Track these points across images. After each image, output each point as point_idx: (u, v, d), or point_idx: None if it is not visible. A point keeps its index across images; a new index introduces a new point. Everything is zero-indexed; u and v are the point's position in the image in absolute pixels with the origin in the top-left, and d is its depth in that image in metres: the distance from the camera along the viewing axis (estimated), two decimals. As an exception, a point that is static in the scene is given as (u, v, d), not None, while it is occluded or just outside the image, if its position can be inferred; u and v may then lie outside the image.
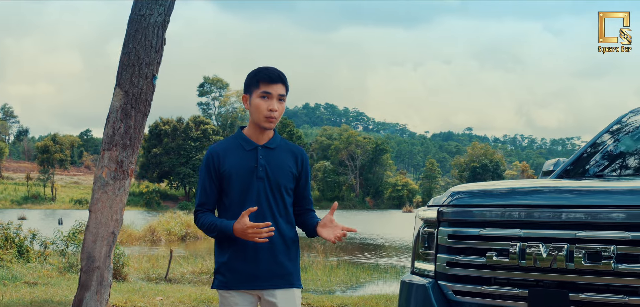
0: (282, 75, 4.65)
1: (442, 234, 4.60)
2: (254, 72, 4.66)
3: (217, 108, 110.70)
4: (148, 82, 7.72)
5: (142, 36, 7.68)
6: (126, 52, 7.71)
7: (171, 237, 34.40)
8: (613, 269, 3.83)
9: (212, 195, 4.69)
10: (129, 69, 7.67)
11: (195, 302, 12.24)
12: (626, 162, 5.85)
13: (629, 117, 6.34)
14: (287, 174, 4.67)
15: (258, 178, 4.60)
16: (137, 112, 7.69)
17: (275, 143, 4.70)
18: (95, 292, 7.62)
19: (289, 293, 4.66)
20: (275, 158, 4.66)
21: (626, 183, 4.59)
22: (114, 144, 7.63)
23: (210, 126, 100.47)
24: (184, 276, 19.07)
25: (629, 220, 3.86)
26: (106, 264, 7.68)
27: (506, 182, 5.03)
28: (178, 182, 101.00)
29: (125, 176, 7.69)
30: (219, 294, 4.72)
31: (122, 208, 7.73)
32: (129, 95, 7.64)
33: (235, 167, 4.62)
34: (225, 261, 4.65)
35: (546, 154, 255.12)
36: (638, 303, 3.80)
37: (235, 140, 4.71)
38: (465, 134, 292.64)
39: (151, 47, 7.70)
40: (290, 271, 4.68)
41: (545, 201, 4.25)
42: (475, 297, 4.39)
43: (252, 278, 4.60)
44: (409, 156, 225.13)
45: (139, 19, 7.72)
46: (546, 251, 4.04)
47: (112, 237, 7.69)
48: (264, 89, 4.58)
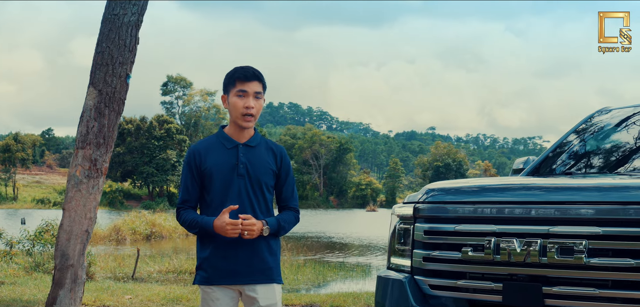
0: (258, 73, 4.75)
1: (418, 230, 4.71)
2: (230, 72, 4.78)
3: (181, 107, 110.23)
4: (122, 81, 7.77)
5: (116, 35, 7.72)
6: (100, 52, 7.75)
7: (136, 237, 34.28)
8: (585, 263, 3.97)
9: (194, 192, 4.79)
10: (103, 68, 7.70)
11: (164, 301, 12.27)
12: (593, 161, 6.01)
13: (595, 117, 6.51)
14: (267, 171, 4.77)
15: (239, 175, 4.70)
16: (111, 111, 7.73)
17: (256, 141, 4.81)
18: (69, 290, 7.65)
19: (270, 288, 4.76)
20: (256, 156, 4.77)
21: (596, 180, 4.74)
22: (88, 142, 7.66)
23: (173, 125, 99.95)
24: (151, 275, 19.06)
25: (599, 216, 4.00)
26: (80, 262, 7.71)
27: (480, 179, 5.16)
28: (141, 181, 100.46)
29: (99, 175, 7.73)
30: (201, 290, 4.81)
31: (95, 206, 7.77)
32: (103, 94, 7.67)
33: (216, 165, 4.72)
34: (206, 257, 4.74)
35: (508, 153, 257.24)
36: (609, 296, 3.94)
37: (216, 139, 4.83)
38: (428, 133, 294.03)
39: (125, 46, 7.75)
40: (271, 266, 4.77)
41: (519, 198, 4.39)
42: (450, 291, 4.51)
43: (233, 273, 4.70)
44: (373, 155, 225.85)
45: (112, 19, 7.76)
46: (520, 246, 4.17)
47: (86, 235, 7.73)
48: (239, 87, 4.69)
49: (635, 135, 6.00)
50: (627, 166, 5.68)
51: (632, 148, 5.87)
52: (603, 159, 5.96)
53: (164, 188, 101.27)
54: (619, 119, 6.30)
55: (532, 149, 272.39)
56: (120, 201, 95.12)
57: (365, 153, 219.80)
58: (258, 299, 4.72)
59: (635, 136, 6.00)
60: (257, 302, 4.73)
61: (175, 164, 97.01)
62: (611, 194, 4.12)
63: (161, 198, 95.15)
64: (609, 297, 3.95)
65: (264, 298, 4.73)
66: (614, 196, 4.08)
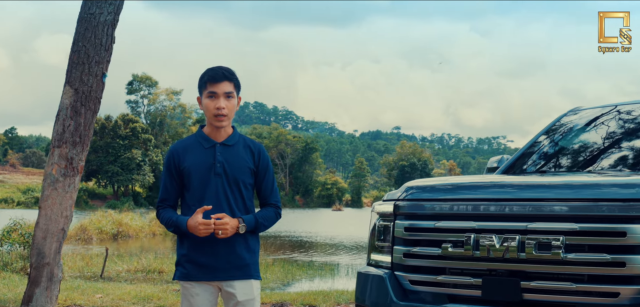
0: (227, 73, 4.83)
1: (398, 227, 4.82)
2: (201, 74, 4.88)
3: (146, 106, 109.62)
4: (98, 80, 7.80)
5: (92, 34, 7.75)
6: (76, 50, 7.77)
7: (103, 236, 34.13)
8: (562, 258, 4.10)
9: (173, 191, 4.89)
10: (79, 67, 7.73)
11: (135, 300, 12.28)
12: (565, 160, 6.17)
13: (566, 117, 6.67)
14: (244, 169, 4.86)
15: (216, 174, 4.80)
16: (87, 110, 7.75)
17: (234, 140, 4.90)
18: (45, 288, 7.67)
19: (247, 284, 4.85)
20: (233, 155, 4.85)
21: (572, 178, 4.87)
22: (64, 141, 7.68)
23: (139, 124, 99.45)
24: (120, 274, 19.01)
25: (576, 212, 4.14)
26: (56, 260, 7.74)
27: (458, 177, 5.29)
28: (106, 180, 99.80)
29: (75, 173, 7.75)
30: (181, 285, 4.90)
31: (71, 205, 7.79)
32: (79, 93, 7.70)
33: (194, 165, 4.82)
34: (185, 253, 4.84)
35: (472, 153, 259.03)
36: (585, 290, 4.08)
37: (195, 139, 4.92)
38: (393, 133, 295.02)
39: (101, 45, 7.78)
40: (248, 262, 4.86)
41: (498, 195, 4.51)
42: (431, 286, 4.63)
43: (212, 270, 4.80)
44: (338, 154, 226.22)
45: (88, 18, 7.78)
46: (499, 242, 4.29)
47: (62, 233, 7.75)
48: (210, 89, 4.79)
49: (605, 135, 6.16)
50: (598, 164, 5.84)
51: (602, 147, 6.03)
52: (574, 158, 6.11)
53: (129, 187, 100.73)
54: (588, 119, 6.46)
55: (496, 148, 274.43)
56: (85, 200, 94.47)
57: (331, 152, 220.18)
58: (236, 295, 4.81)
59: (605, 136, 6.16)
60: (235, 297, 4.81)
61: (141, 164, 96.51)
62: (587, 191, 4.26)
63: (126, 198, 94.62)
64: (585, 291, 4.08)
65: (242, 294, 4.82)
66: (589, 193, 4.21)
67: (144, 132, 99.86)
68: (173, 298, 12.46)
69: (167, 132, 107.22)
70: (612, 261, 4.00)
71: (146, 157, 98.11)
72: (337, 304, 12.66)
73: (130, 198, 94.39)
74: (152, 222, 39.40)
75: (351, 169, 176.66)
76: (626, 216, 4.01)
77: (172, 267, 19.96)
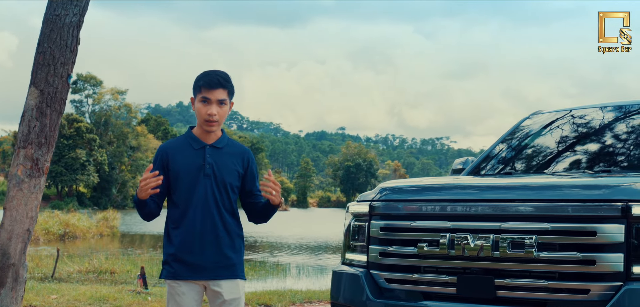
0: (223, 80, 4.90)
1: (374, 226, 4.96)
2: (198, 77, 4.94)
3: (91, 106, 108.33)
4: (63, 81, 7.79)
5: (58, 36, 7.74)
6: (41, 52, 7.76)
7: (49, 237, 33.79)
8: (535, 257, 4.29)
9: (159, 189, 4.91)
10: (45, 68, 7.72)
11: (90, 300, 12.26)
12: (529, 162, 6.38)
13: (529, 119, 6.88)
14: (233, 172, 4.95)
15: (205, 176, 4.87)
16: (53, 111, 7.75)
17: (223, 143, 4.97)
18: (10, 289, 7.65)
19: (234, 283, 4.93)
20: (222, 157, 4.94)
21: (544, 179, 5.07)
22: (30, 142, 7.67)
23: (83, 124, 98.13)
24: (71, 275, 18.88)
25: (548, 212, 4.33)
26: (21, 261, 7.72)
27: (432, 179, 5.46)
28: (50, 181, 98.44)
29: (41, 174, 7.75)
30: (167, 284, 4.95)
31: (37, 205, 7.78)
32: (45, 94, 7.69)
33: (183, 165, 4.89)
34: (172, 253, 4.90)
35: (416, 153, 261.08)
36: (557, 287, 4.27)
37: (185, 140, 4.99)
38: (338, 133, 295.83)
39: (66, 46, 7.77)
40: (235, 262, 4.94)
41: (473, 196, 4.68)
42: (406, 284, 4.78)
43: (199, 269, 4.87)
44: (283, 155, 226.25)
45: (54, 19, 7.78)
46: (473, 241, 4.46)
47: (27, 234, 7.74)
48: (204, 94, 4.86)
49: (566, 137, 6.40)
50: (561, 165, 6.06)
51: (564, 149, 6.26)
52: (538, 160, 6.32)
53: (73, 188, 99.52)
54: (550, 120, 6.68)
55: (440, 149, 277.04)
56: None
57: (276, 153, 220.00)
58: (222, 293, 4.88)
59: (565, 136, 6.39)
60: (222, 296, 4.88)
61: (85, 164, 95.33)
62: (558, 192, 4.45)
63: (70, 198, 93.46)
64: (557, 289, 4.28)
65: (228, 292, 4.89)
66: (560, 194, 4.41)
67: (89, 132, 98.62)
68: (129, 299, 12.47)
69: (111, 132, 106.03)
70: (583, 259, 4.19)
71: (91, 157, 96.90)
72: (292, 303, 12.78)
73: (74, 198, 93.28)
74: (99, 222, 39.12)
75: (296, 170, 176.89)
76: (596, 216, 4.21)
77: (124, 268, 19.93)
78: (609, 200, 4.22)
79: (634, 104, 6.38)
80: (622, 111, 6.34)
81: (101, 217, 40.73)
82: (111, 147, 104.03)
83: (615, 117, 6.31)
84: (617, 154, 5.90)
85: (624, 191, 4.25)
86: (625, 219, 4.16)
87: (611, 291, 4.14)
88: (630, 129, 6.08)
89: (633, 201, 4.18)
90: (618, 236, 4.15)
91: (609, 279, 4.16)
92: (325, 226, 54.97)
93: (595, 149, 6.10)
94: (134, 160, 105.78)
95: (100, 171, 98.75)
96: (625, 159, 5.79)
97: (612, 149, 6.01)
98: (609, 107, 6.48)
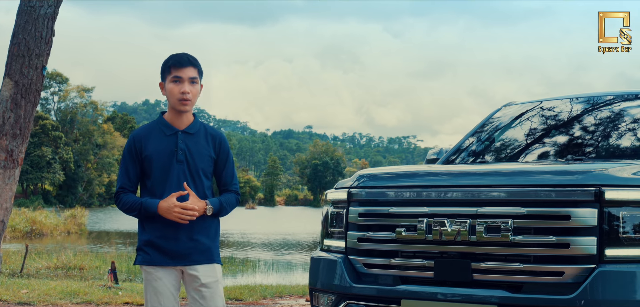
0: (192, 58, 4.94)
1: (352, 213, 5.03)
2: (165, 60, 4.96)
3: (57, 103, 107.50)
4: (38, 73, 7.81)
5: (32, 27, 7.75)
6: (16, 43, 7.76)
7: (16, 234, 33.57)
8: (510, 241, 4.39)
9: (134, 177, 4.95)
10: (19, 59, 7.73)
11: (61, 295, 12.22)
12: (502, 151, 6.50)
13: (501, 111, 7.02)
14: (205, 158, 4.96)
15: (178, 161, 4.88)
16: (27, 102, 7.76)
17: (195, 128, 4.98)
18: (-15, 280, 7.67)
19: (211, 268, 4.96)
20: (195, 143, 4.95)
21: (519, 166, 5.18)
22: (4, 133, 7.68)
23: (49, 121, 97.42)
24: (39, 271, 18.79)
25: (524, 197, 4.44)
26: (-4, 252, 7.74)
27: (409, 166, 5.54)
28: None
29: (15, 165, 7.76)
30: (143, 270, 4.96)
31: (11, 197, 7.79)
32: (19, 85, 7.70)
33: (156, 151, 4.89)
34: (147, 239, 4.91)
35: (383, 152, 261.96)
36: (532, 270, 4.37)
37: (157, 125, 4.98)
38: (305, 132, 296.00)
39: (41, 38, 7.79)
40: (210, 247, 4.98)
41: (450, 182, 4.77)
42: (384, 268, 4.86)
43: (174, 255, 4.89)
44: (251, 153, 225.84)
45: (29, 10, 7.79)
46: (451, 225, 4.55)
47: (2, 225, 7.75)
48: (174, 73, 4.88)
49: (537, 127, 6.53)
50: (534, 153, 6.21)
51: (536, 139, 6.40)
52: (510, 149, 6.45)
53: (39, 186, 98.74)
54: (521, 112, 6.82)
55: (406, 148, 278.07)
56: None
57: (243, 151, 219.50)
58: (200, 277, 4.90)
59: (536, 127, 6.53)
60: (199, 279, 4.91)
61: (51, 161, 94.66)
62: (533, 177, 4.56)
63: (36, 196, 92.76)
64: (532, 271, 4.38)
65: (205, 276, 4.92)
66: (535, 179, 4.52)
67: (54, 129, 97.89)
68: (100, 293, 12.45)
69: (77, 129, 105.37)
70: (557, 242, 4.30)
71: (56, 155, 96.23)
72: (263, 297, 12.83)
73: (40, 196, 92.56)
74: (67, 220, 38.90)
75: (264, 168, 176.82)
76: (570, 200, 4.32)
77: (93, 264, 19.88)
78: (582, 185, 4.32)
79: (602, 95, 6.52)
80: (591, 103, 6.49)
81: (69, 214, 40.53)
82: (77, 145, 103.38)
83: (584, 109, 6.46)
84: (587, 144, 6.04)
85: (597, 176, 4.36)
86: (598, 203, 4.26)
87: (584, 273, 4.23)
88: (599, 120, 6.22)
89: (606, 185, 4.28)
90: (591, 220, 4.25)
91: (583, 262, 4.26)
92: (292, 224, 55.07)
93: (566, 139, 6.24)
94: (100, 158, 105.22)
95: (66, 168, 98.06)
96: (595, 148, 5.93)
97: (582, 139, 6.15)
98: (579, 98, 6.62)
